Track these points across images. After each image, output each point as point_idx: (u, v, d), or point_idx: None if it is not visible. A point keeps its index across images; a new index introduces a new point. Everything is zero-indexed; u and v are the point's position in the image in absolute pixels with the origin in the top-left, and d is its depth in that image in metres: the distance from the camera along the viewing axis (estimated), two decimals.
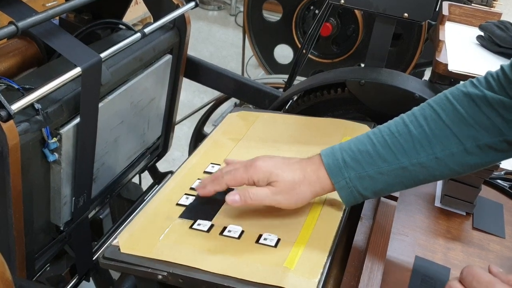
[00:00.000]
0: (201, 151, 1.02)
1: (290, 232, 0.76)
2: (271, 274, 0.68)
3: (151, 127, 1.22)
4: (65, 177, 0.92)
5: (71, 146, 0.90)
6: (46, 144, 0.84)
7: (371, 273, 0.73)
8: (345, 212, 0.82)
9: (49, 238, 0.99)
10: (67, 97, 0.86)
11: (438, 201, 0.94)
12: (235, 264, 0.70)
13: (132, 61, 1.02)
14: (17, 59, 1.01)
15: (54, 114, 0.83)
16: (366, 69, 1.18)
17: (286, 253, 0.72)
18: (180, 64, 1.23)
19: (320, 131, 1.06)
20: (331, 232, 0.77)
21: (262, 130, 1.08)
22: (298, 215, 0.80)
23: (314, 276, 0.68)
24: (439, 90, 1.13)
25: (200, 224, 0.79)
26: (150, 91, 1.14)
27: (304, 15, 2.49)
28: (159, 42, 1.10)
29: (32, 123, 0.79)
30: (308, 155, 0.85)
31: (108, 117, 0.99)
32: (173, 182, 0.92)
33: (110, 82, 0.94)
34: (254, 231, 0.77)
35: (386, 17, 1.11)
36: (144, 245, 0.75)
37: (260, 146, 1.02)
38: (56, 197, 0.94)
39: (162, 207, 0.85)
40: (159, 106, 1.22)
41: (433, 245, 0.85)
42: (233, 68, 3.50)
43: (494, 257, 0.84)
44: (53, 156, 0.87)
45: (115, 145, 1.07)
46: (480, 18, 1.31)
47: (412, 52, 2.31)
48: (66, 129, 0.87)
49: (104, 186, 1.10)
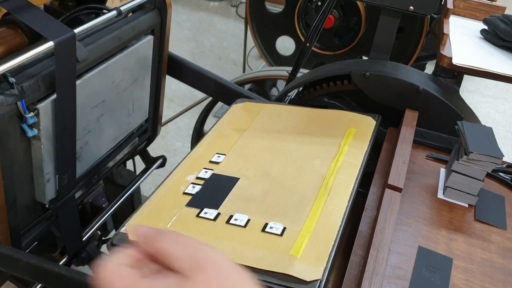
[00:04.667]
0: (206, 142, 1.03)
1: (295, 222, 0.78)
2: (277, 261, 0.69)
3: (137, 108, 1.24)
4: (46, 153, 0.94)
5: (50, 122, 0.92)
6: (24, 119, 0.87)
7: (376, 263, 0.74)
8: (350, 202, 0.83)
9: (35, 216, 1.02)
10: (43, 73, 0.88)
11: (441, 193, 0.95)
12: (241, 251, 0.72)
13: (110, 39, 1.03)
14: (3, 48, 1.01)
15: (29, 88, 0.85)
16: (370, 61, 1.18)
17: (292, 242, 0.73)
18: (163, 46, 1.25)
19: (325, 123, 1.07)
20: (336, 222, 0.78)
21: (267, 121, 1.09)
22: (304, 204, 0.82)
23: (320, 264, 0.69)
24: (443, 83, 1.14)
25: (206, 213, 0.81)
26: (132, 71, 1.16)
27: (306, 6, 2.49)
28: (139, 22, 1.12)
29: (6, 96, 0.81)
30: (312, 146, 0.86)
31: (88, 95, 1.01)
32: (179, 171, 0.94)
33: (88, 60, 0.97)
34: (260, 220, 0.78)
35: (391, 10, 1.12)
36: None
37: (265, 137, 1.03)
38: (39, 173, 0.96)
39: (169, 196, 0.87)
40: (143, 87, 1.24)
41: (436, 236, 0.86)
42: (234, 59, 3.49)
43: (495, 248, 0.85)
44: (32, 131, 0.89)
45: (97, 124, 1.09)
46: (484, 12, 1.32)
47: (414, 45, 2.31)
48: (44, 104, 0.89)
49: (90, 166, 1.13)
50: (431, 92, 1.09)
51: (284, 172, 0.92)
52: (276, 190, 0.87)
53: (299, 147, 0.99)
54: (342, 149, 0.97)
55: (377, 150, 1.08)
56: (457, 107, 1.09)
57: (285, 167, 0.93)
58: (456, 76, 1.15)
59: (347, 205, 0.82)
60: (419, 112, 1.10)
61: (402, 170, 0.93)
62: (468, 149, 0.88)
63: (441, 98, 1.08)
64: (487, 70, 1.08)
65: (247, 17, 2.66)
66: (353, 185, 0.87)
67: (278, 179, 0.90)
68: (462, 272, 0.80)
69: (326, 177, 0.88)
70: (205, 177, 0.91)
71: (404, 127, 1.05)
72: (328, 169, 0.91)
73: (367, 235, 0.85)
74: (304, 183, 0.88)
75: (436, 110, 1.09)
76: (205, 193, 0.86)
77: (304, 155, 0.96)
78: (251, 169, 0.93)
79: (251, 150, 0.99)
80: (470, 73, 1.09)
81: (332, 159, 0.94)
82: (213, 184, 0.89)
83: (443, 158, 1.04)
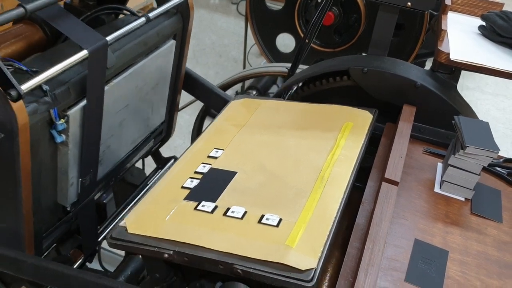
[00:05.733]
0: (205, 137, 1.03)
1: (291, 213, 0.79)
2: (273, 251, 0.70)
3: (155, 111, 1.24)
4: (72, 158, 0.94)
5: (78, 128, 0.92)
6: (54, 125, 0.86)
7: (372, 254, 0.75)
8: (346, 194, 0.84)
9: (56, 218, 1.02)
10: (74, 79, 0.88)
11: (438, 187, 0.96)
12: (238, 242, 0.73)
13: (136, 45, 1.03)
14: (22, 44, 1.02)
15: (61, 95, 0.85)
16: (369, 57, 1.19)
17: (287, 232, 0.74)
18: (184, 50, 1.24)
19: (322, 117, 1.08)
20: (331, 213, 0.79)
21: (265, 117, 1.10)
22: (300, 197, 0.83)
23: (315, 253, 0.70)
24: (440, 79, 1.14)
25: (204, 206, 0.82)
26: (155, 75, 1.16)
27: (306, 4, 2.49)
28: (163, 27, 1.12)
29: (40, 104, 0.81)
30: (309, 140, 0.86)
31: (114, 100, 1.01)
32: (178, 166, 0.95)
33: (115, 66, 0.96)
34: (256, 212, 0.79)
35: (389, 6, 1.13)
36: (150, 226, 0.78)
37: (263, 132, 1.04)
38: (63, 178, 0.96)
39: (168, 190, 0.87)
40: (163, 91, 1.24)
41: (432, 229, 0.87)
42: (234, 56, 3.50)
43: (491, 241, 0.86)
44: (60, 137, 0.89)
45: (120, 128, 1.09)
46: (482, 8, 1.33)
47: (414, 42, 2.31)
48: (74, 111, 0.89)
49: (109, 168, 1.13)
50: (429, 88, 1.09)
51: (281, 165, 0.93)
52: (273, 183, 0.88)
53: (296, 141, 1.00)
54: (338, 142, 0.97)
55: (375, 145, 1.09)
56: (455, 102, 1.10)
57: (282, 160, 0.94)
58: (454, 71, 1.16)
59: (342, 196, 0.83)
60: (417, 107, 1.11)
61: (399, 164, 0.94)
62: (464, 143, 0.89)
63: (439, 94, 1.09)
64: (484, 65, 1.08)
65: (247, 14, 2.66)
66: (349, 177, 0.88)
67: (275, 172, 0.91)
68: (457, 265, 0.81)
69: (323, 170, 0.89)
70: (203, 172, 0.92)
71: (402, 122, 1.06)
72: (324, 162, 0.92)
73: (364, 228, 0.86)
74: (301, 176, 0.89)
75: (434, 105, 1.10)
76: (203, 186, 0.87)
77: (301, 149, 0.97)
78: (249, 163, 0.94)
79: (249, 145, 1.00)
80: (467, 68, 1.10)
81: (328, 152, 0.95)
82: (211, 178, 0.90)
83: (440, 153, 1.05)
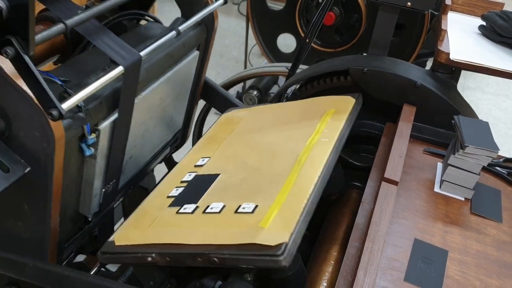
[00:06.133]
0: (194, 150, 1.08)
1: (267, 199, 0.78)
2: (246, 235, 0.70)
3: (174, 120, 1.23)
4: (98, 170, 0.93)
5: (107, 141, 0.91)
6: (85, 140, 0.85)
7: (371, 254, 0.76)
8: (323, 172, 0.83)
9: (77, 228, 1.01)
10: (106, 94, 0.87)
11: (438, 187, 0.96)
12: (214, 234, 0.74)
13: (164, 58, 1.02)
14: (46, 46, 1.01)
15: (94, 111, 0.84)
16: (369, 57, 1.19)
17: (262, 216, 0.74)
18: (205, 60, 1.23)
19: (305, 110, 1.09)
20: (306, 190, 0.78)
21: (252, 121, 1.12)
22: (277, 183, 0.82)
23: (287, 229, 0.69)
24: (440, 78, 1.14)
25: (186, 208, 0.84)
26: (177, 86, 1.15)
27: (307, 4, 2.49)
28: (188, 38, 1.10)
29: (75, 120, 0.80)
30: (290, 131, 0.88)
31: (140, 113, 1.01)
32: (167, 179, 0.98)
33: (145, 79, 0.95)
34: (234, 204, 0.80)
35: (389, 6, 1.13)
36: (135, 235, 0.81)
37: (247, 135, 1.06)
38: (88, 189, 0.95)
39: (155, 202, 0.90)
40: (183, 100, 1.23)
41: (431, 229, 0.87)
42: (236, 56, 3.50)
43: (491, 240, 0.86)
44: (89, 150, 0.88)
45: (142, 138, 1.09)
46: (482, 8, 1.33)
47: (415, 42, 2.31)
48: (104, 125, 0.88)
49: (130, 177, 1.12)
50: (429, 87, 1.09)
51: (262, 159, 0.93)
52: (253, 176, 0.88)
53: (278, 135, 1.01)
54: (318, 128, 0.97)
55: (375, 145, 1.09)
56: (455, 102, 1.10)
57: (263, 154, 0.94)
58: (454, 71, 1.16)
59: (319, 175, 0.81)
60: (417, 107, 1.11)
61: (398, 164, 0.94)
62: (464, 143, 0.89)
63: (439, 93, 1.09)
64: (484, 65, 1.08)
65: (248, 14, 2.66)
66: (327, 157, 0.86)
67: (255, 166, 0.91)
68: (457, 264, 0.81)
69: (300, 155, 0.88)
70: (189, 180, 0.93)
71: (402, 121, 1.06)
72: (303, 148, 0.91)
73: (364, 227, 0.86)
74: (280, 164, 0.88)
75: (434, 105, 1.10)
76: (187, 192, 0.89)
77: (281, 141, 0.97)
78: (231, 164, 0.94)
79: (233, 149, 1.01)
80: (467, 68, 1.10)
81: (307, 138, 0.94)
82: (195, 183, 0.91)
83: (440, 153, 1.05)
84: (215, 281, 0.79)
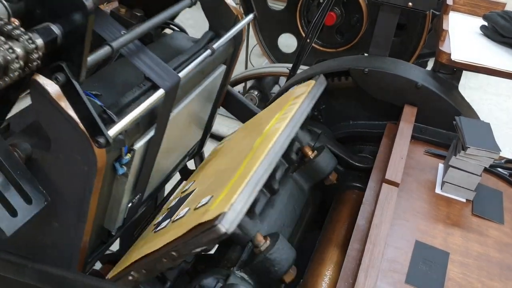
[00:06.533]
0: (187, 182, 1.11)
1: (222, 187, 0.80)
2: (195, 220, 0.71)
3: (196, 131, 1.23)
4: (128, 187, 0.93)
5: (139, 160, 0.91)
6: (119, 159, 0.85)
7: (372, 256, 0.75)
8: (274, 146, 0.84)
9: (100, 242, 1.01)
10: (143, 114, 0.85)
11: (439, 188, 0.96)
12: (176, 232, 0.75)
13: (195, 74, 1.01)
14: None
15: (132, 132, 0.84)
16: (370, 57, 1.19)
17: (214, 202, 0.75)
18: (230, 73, 1.21)
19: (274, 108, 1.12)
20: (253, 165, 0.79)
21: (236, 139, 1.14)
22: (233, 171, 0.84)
23: (228, 201, 0.70)
24: (442, 79, 1.14)
25: (161, 224, 0.88)
26: (203, 100, 1.14)
27: (308, 4, 2.49)
28: (218, 53, 1.07)
29: (115, 143, 0.78)
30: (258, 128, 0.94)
31: (170, 129, 1.00)
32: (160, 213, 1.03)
33: (178, 97, 0.94)
34: (196, 204, 0.81)
35: (390, 6, 1.12)
36: (121, 264, 0.86)
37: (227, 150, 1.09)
38: (116, 205, 0.94)
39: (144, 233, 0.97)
40: (206, 113, 1.23)
41: (433, 230, 0.86)
42: None
43: (492, 242, 0.86)
44: (122, 169, 0.87)
45: (168, 152, 1.08)
46: (484, 8, 1.32)
47: (416, 42, 2.31)
48: (139, 145, 0.87)
49: (152, 190, 1.12)
50: (430, 88, 1.09)
51: (223, 162, 0.97)
52: (217, 177, 0.91)
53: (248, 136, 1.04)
54: (277, 117, 0.98)
55: (376, 145, 1.09)
56: (456, 102, 1.10)
57: (230, 156, 0.98)
58: (455, 72, 1.15)
59: (268, 149, 0.82)
60: (418, 107, 1.10)
61: (399, 165, 0.94)
62: (465, 144, 0.89)
63: (440, 94, 1.08)
64: (486, 66, 1.08)
65: None
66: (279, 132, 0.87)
67: (221, 169, 0.95)
68: (458, 266, 0.80)
69: (256, 142, 0.90)
70: (173, 204, 0.96)
71: (403, 122, 1.06)
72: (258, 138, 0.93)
73: (365, 229, 0.86)
74: (240, 156, 0.90)
75: (435, 106, 1.09)
76: (168, 214, 0.92)
77: (248, 139, 0.99)
78: (207, 178, 0.97)
79: (213, 166, 1.05)
80: (469, 69, 1.09)
81: (264, 129, 0.96)
82: (176, 205, 0.93)
83: (441, 154, 1.05)
84: (215, 282, 0.79)
